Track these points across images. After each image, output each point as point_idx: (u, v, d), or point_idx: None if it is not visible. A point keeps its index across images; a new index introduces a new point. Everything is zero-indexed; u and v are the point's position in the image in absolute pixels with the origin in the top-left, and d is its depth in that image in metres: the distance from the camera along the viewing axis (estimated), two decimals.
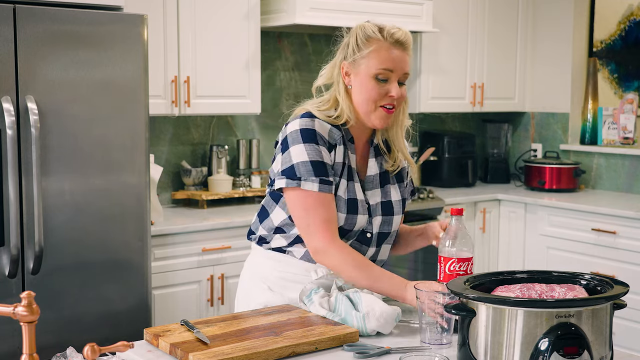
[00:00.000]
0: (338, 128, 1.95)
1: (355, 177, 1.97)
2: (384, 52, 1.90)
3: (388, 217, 2.00)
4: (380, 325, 1.76)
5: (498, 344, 1.44)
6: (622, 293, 1.47)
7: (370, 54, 1.91)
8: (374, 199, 1.99)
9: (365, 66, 1.91)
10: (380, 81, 1.91)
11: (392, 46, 1.91)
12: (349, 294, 1.87)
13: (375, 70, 1.91)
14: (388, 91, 1.91)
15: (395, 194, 2.03)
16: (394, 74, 1.92)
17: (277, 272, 2.01)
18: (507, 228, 4.55)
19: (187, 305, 3.37)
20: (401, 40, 1.92)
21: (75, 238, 2.85)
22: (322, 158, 1.90)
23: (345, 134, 1.97)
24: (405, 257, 4.19)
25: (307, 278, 1.96)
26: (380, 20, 2.00)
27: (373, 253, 2.02)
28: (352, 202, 1.93)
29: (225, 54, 3.67)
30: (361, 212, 1.95)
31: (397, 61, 1.91)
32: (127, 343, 1.32)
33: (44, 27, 2.74)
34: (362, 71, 1.92)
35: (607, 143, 4.71)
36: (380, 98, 1.92)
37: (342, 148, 1.94)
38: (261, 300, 2.00)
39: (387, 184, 2.02)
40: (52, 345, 2.23)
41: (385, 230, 2.01)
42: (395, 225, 2.02)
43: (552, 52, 4.88)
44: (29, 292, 1.20)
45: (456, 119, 5.15)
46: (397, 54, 1.91)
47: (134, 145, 2.97)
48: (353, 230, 1.95)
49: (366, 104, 1.92)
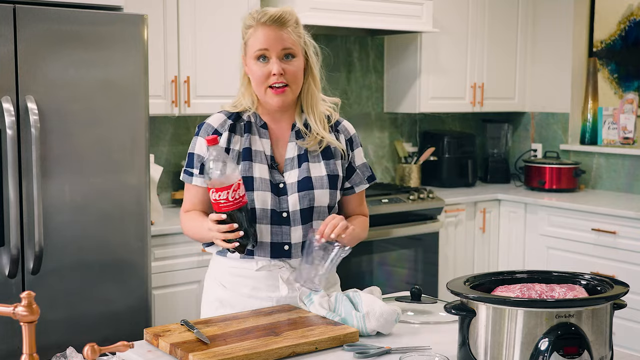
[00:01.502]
0: (239, 116, 2.03)
1: (259, 157, 1.99)
2: (257, 33, 1.96)
3: (306, 192, 1.98)
4: (380, 325, 1.77)
5: (498, 344, 1.44)
6: (622, 293, 1.47)
7: (249, 38, 1.98)
8: (291, 179, 2.00)
9: (248, 52, 1.98)
10: (261, 62, 1.96)
11: (264, 25, 1.95)
12: (348, 294, 1.87)
13: (253, 52, 1.96)
14: (270, 70, 1.95)
15: (317, 171, 2.01)
16: (272, 51, 1.94)
17: (226, 269, 2.05)
18: (507, 228, 4.55)
19: (187, 305, 3.37)
20: (273, 17, 1.94)
21: (75, 238, 2.85)
22: (194, 150, 2.04)
23: (258, 120, 2.03)
24: (405, 257, 4.19)
25: (250, 272, 2.00)
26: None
27: (303, 232, 1.99)
28: (247, 180, 1.95)
29: (225, 54, 3.67)
30: (260, 189, 1.96)
31: (271, 39, 1.94)
32: (127, 343, 1.32)
33: (44, 27, 2.74)
34: (248, 58, 1.99)
35: (607, 143, 4.71)
36: (265, 78, 1.96)
37: (227, 134, 2.00)
38: (216, 296, 2.07)
39: (305, 161, 2.01)
40: (52, 345, 2.23)
41: (306, 206, 1.98)
42: (319, 200, 1.99)
43: (552, 52, 4.88)
44: (29, 292, 1.20)
45: (456, 119, 5.15)
46: (271, 32, 1.94)
47: (134, 145, 2.97)
48: (257, 208, 1.95)
49: (257, 87, 1.99)
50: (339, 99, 2.13)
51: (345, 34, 4.49)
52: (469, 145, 4.91)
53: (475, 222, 4.48)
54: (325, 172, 2.02)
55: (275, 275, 2.00)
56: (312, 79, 2.04)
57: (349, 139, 2.10)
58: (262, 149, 2.01)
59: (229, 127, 2.01)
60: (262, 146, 2.01)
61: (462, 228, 4.43)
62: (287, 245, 1.99)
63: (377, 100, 4.75)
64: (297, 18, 2.02)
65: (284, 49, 1.95)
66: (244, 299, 2.01)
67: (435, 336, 1.79)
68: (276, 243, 1.98)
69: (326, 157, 2.04)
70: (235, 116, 2.04)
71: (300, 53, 1.99)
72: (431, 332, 1.83)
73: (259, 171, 1.98)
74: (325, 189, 2.00)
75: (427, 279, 4.25)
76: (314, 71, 2.04)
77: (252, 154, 1.99)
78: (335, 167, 2.04)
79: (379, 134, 4.76)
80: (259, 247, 1.99)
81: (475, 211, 4.48)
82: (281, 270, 2.00)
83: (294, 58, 1.97)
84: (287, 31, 1.96)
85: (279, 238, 1.98)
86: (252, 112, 2.04)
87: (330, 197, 2.01)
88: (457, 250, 4.41)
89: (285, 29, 1.95)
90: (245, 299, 2.01)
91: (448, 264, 4.36)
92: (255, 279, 2.01)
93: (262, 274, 2.00)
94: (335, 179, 2.03)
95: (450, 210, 4.34)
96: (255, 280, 2.01)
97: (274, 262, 1.99)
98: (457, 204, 4.37)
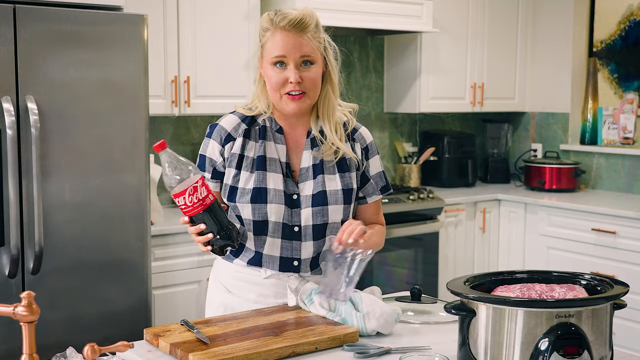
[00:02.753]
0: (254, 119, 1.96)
1: (273, 166, 1.93)
2: (275, 38, 1.87)
3: (320, 207, 1.92)
4: (381, 325, 1.77)
5: (498, 344, 1.44)
6: (622, 293, 1.47)
7: (266, 42, 1.90)
8: (306, 191, 1.94)
9: (265, 56, 1.91)
10: (278, 68, 1.88)
11: (283, 31, 1.86)
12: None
13: (270, 58, 1.89)
14: (287, 77, 1.87)
15: (332, 184, 1.94)
16: (289, 58, 1.86)
17: (231, 273, 2.01)
18: (507, 228, 4.55)
19: (187, 305, 3.37)
20: (293, 22, 1.86)
21: (75, 238, 2.85)
22: (206, 152, 1.96)
23: (273, 124, 1.97)
24: (406, 258, 4.19)
25: (257, 278, 1.96)
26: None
27: (314, 248, 1.95)
28: (260, 191, 1.89)
29: (225, 54, 3.67)
30: (273, 202, 1.90)
31: (288, 46, 1.86)
32: (127, 343, 1.32)
33: (44, 27, 2.74)
34: (264, 62, 1.92)
35: (607, 143, 4.71)
36: (281, 85, 1.88)
37: (242, 140, 1.93)
38: (220, 301, 2.02)
39: (320, 174, 1.95)
40: (52, 345, 2.23)
41: (320, 222, 1.92)
42: (333, 216, 1.93)
43: (552, 52, 4.88)
44: (29, 292, 1.20)
45: (456, 119, 5.15)
46: (288, 38, 1.86)
47: (134, 145, 2.97)
48: (269, 221, 1.90)
49: (272, 92, 1.91)
50: (356, 105, 2.05)
51: (345, 34, 4.49)
52: (469, 145, 4.91)
53: (475, 222, 4.48)
54: (340, 187, 1.95)
55: (283, 284, 1.95)
56: (330, 86, 1.95)
57: (365, 147, 2.02)
58: (277, 156, 1.94)
59: (243, 132, 1.94)
60: (277, 153, 1.95)
61: (462, 228, 4.43)
62: (297, 261, 1.94)
63: (377, 100, 4.75)
64: (318, 21, 1.94)
65: (303, 56, 1.87)
66: (249, 304, 1.96)
67: (435, 336, 1.79)
68: (286, 258, 1.94)
69: (341, 170, 1.96)
70: (250, 120, 1.96)
71: (319, 59, 1.91)
72: (431, 332, 1.83)
73: (273, 182, 1.91)
74: (339, 205, 1.94)
75: (427, 279, 4.25)
76: (332, 77, 1.95)
77: (267, 163, 1.92)
78: (350, 180, 1.97)
79: (379, 134, 4.76)
80: (267, 260, 1.94)
81: (475, 211, 4.48)
82: (289, 279, 1.95)
83: (313, 65, 1.89)
84: (307, 37, 1.87)
85: (289, 253, 1.93)
86: (267, 116, 1.97)
87: (344, 212, 1.96)
88: (457, 250, 4.41)
89: (304, 34, 1.87)
90: (252, 305, 1.96)
91: (448, 264, 4.36)
92: (262, 286, 1.97)
93: (270, 281, 1.96)
94: (350, 193, 1.97)
95: (450, 210, 4.34)
96: (263, 287, 1.97)
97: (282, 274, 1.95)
98: (457, 204, 4.37)
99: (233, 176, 1.93)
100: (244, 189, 1.91)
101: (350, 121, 2.03)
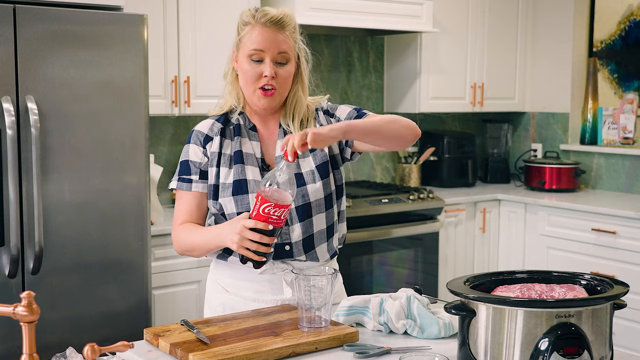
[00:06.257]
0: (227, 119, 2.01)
1: (250, 160, 1.97)
2: (255, 32, 1.93)
3: (299, 188, 1.95)
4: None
5: (498, 344, 1.44)
6: (622, 293, 1.47)
7: (244, 36, 1.95)
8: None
9: (242, 49, 1.96)
10: (254, 62, 1.94)
11: (264, 26, 1.92)
12: (408, 296, 1.84)
13: (247, 51, 1.94)
14: (262, 71, 1.93)
15: (306, 164, 1.98)
16: (267, 53, 1.92)
17: (227, 272, 2.03)
18: (507, 228, 4.55)
19: (187, 305, 3.37)
20: (274, 19, 1.92)
21: (75, 238, 2.85)
22: (188, 157, 2.00)
23: (247, 122, 2.02)
24: (406, 257, 4.19)
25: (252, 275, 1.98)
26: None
27: (302, 229, 1.96)
28: (240, 183, 1.94)
29: (225, 54, 3.65)
30: (254, 192, 1.93)
31: (268, 41, 1.92)
32: (127, 343, 1.32)
33: (44, 27, 2.74)
34: (240, 55, 1.97)
35: (607, 143, 4.71)
36: (256, 79, 1.94)
37: (219, 139, 1.99)
38: (219, 301, 2.04)
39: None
40: (52, 345, 2.24)
41: (302, 203, 1.95)
42: (313, 195, 1.96)
43: (552, 52, 4.88)
44: (29, 292, 1.20)
45: (456, 119, 5.15)
46: (269, 33, 1.92)
47: (134, 145, 2.97)
48: None
49: (246, 86, 1.97)
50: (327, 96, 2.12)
51: (345, 34, 4.49)
52: (469, 145, 4.91)
53: (475, 222, 4.48)
54: (314, 165, 1.98)
55: (278, 279, 1.98)
56: (300, 85, 2.03)
57: (325, 110, 2.07)
58: (253, 151, 2.00)
59: (219, 130, 2.01)
60: (253, 149, 2.00)
61: (462, 228, 4.43)
62: (288, 245, 1.97)
63: (377, 100, 4.75)
64: (296, 23, 2.00)
65: (280, 52, 1.93)
66: (247, 302, 1.99)
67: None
68: (277, 245, 1.96)
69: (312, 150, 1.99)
70: (224, 119, 2.03)
71: (293, 58, 1.97)
72: None
73: (252, 174, 1.96)
74: (317, 182, 1.97)
75: (427, 279, 4.25)
76: (303, 77, 2.03)
77: (244, 157, 1.98)
78: (322, 152, 2.00)
79: None
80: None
81: (475, 211, 4.48)
82: (284, 273, 1.98)
83: (287, 63, 1.95)
84: (285, 35, 1.94)
85: (279, 239, 1.96)
86: (239, 111, 2.03)
87: (324, 187, 1.98)
88: (457, 250, 4.41)
89: (283, 32, 1.94)
90: (250, 303, 1.99)
91: (448, 264, 4.36)
92: (258, 283, 1.99)
93: (266, 277, 1.98)
94: (326, 165, 1.99)
95: (450, 210, 4.34)
96: (259, 284, 1.99)
97: (276, 264, 1.98)
98: (457, 204, 4.37)
99: (215, 175, 1.98)
100: (224, 183, 1.96)
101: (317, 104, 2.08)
